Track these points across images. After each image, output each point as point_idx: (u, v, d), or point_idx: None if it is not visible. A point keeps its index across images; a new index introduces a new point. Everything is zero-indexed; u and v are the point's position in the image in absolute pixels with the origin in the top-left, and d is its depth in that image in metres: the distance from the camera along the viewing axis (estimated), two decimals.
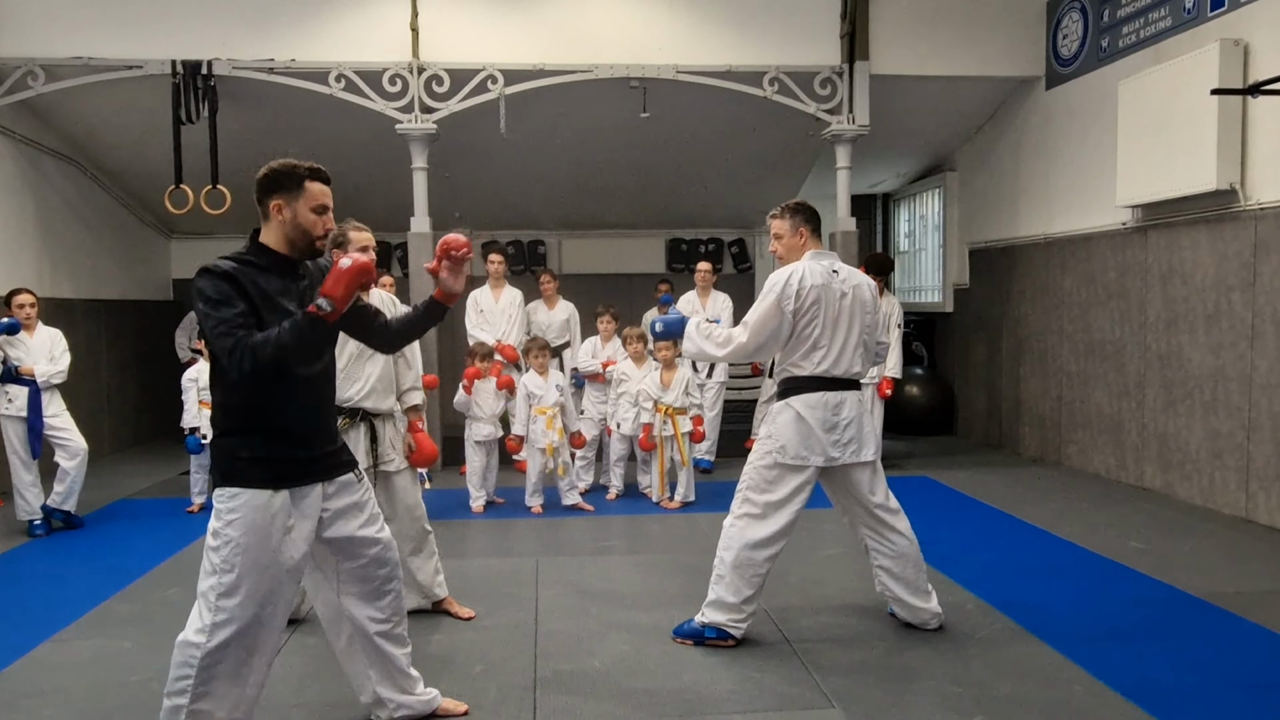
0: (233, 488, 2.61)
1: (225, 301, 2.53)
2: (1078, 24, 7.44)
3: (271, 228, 2.68)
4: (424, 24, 7.33)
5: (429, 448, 4.15)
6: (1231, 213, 5.84)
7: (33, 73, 7.06)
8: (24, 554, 5.42)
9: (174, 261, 10.36)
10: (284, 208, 2.65)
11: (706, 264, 7.80)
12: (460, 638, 3.91)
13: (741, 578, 3.71)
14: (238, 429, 2.65)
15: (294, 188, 2.65)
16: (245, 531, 2.59)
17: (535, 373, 6.23)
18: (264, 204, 2.66)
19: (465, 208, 9.82)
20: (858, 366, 3.77)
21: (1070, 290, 7.56)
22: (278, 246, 2.68)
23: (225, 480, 2.63)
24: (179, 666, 2.60)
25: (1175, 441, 6.38)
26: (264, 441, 2.64)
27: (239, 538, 2.58)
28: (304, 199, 2.65)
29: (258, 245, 2.69)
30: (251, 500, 2.60)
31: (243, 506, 2.59)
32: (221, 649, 2.58)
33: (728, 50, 7.53)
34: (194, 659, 2.57)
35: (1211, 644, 3.76)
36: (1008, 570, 4.80)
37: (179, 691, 2.59)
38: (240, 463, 2.62)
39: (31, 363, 5.80)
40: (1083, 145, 7.40)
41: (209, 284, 2.54)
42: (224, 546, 2.58)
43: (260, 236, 2.70)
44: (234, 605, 2.58)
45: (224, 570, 2.58)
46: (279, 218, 2.66)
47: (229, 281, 2.56)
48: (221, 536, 2.59)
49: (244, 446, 2.62)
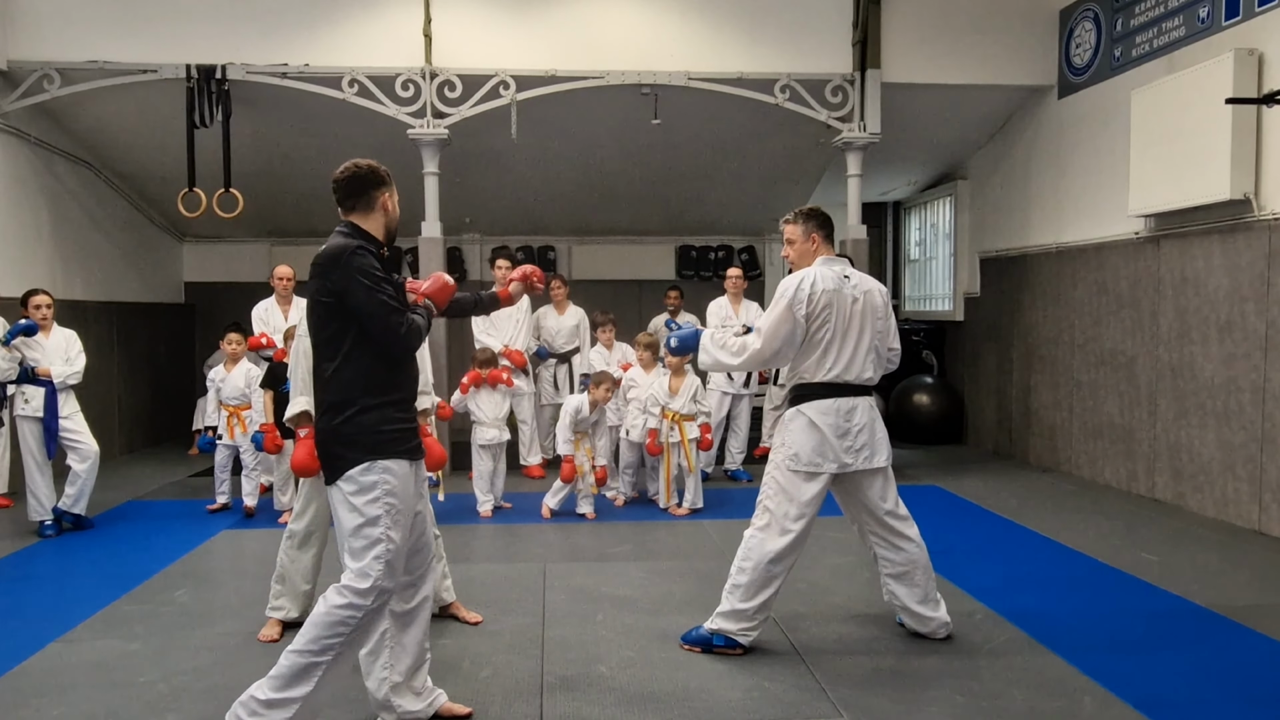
0: (382, 459, 2.78)
1: (386, 280, 2.78)
2: (1091, 33, 7.42)
3: (374, 218, 2.93)
4: (437, 29, 7.37)
5: (437, 451, 4.15)
6: (1245, 223, 5.80)
7: (48, 76, 7.12)
8: (34, 554, 5.44)
9: (186, 264, 10.42)
10: (389, 200, 2.94)
11: (737, 270, 7.79)
12: (467, 642, 3.91)
13: (757, 587, 3.70)
14: (376, 404, 2.79)
15: (390, 182, 2.97)
16: (401, 498, 2.81)
17: (589, 403, 6.12)
18: (368, 196, 2.91)
19: (476, 213, 9.86)
20: (869, 372, 3.76)
21: (1082, 300, 7.53)
22: (379, 234, 2.93)
23: (371, 453, 2.76)
24: (330, 627, 2.74)
25: (1187, 453, 6.34)
26: (399, 413, 2.85)
27: (399, 504, 2.80)
28: (395, 193, 2.99)
29: (364, 233, 2.89)
30: (398, 470, 2.81)
31: (394, 476, 2.79)
32: (376, 612, 2.82)
33: (739, 57, 7.53)
34: (353, 619, 2.75)
35: (1222, 656, 3.73)
36: (1017, 580, 4.78)
37: (323, 650, 2.73)
38: (384, 436, 2.79)
39: (48, 364, 5.84)
40: (1095, 154, 7.38)
41: (368, 263, 2.75)
42: (386, 515, 2.77)
43: (364, 226, 2.90)
44: (391, 570, 2.79)
45: (387, 539, 2.77)
46: (385, 209, 2.94)
47: (381, 262, 2.82)
48: (381, 505, 2.76)
49: (384, 421, 2.80)
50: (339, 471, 2.79)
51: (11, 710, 3.29)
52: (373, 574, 2.76)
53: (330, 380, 2.80)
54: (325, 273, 2.76)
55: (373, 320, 2.72)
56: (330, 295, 2.75)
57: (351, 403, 2.77)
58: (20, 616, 4.30)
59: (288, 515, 5.78)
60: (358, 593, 2.76)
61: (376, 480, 2.76)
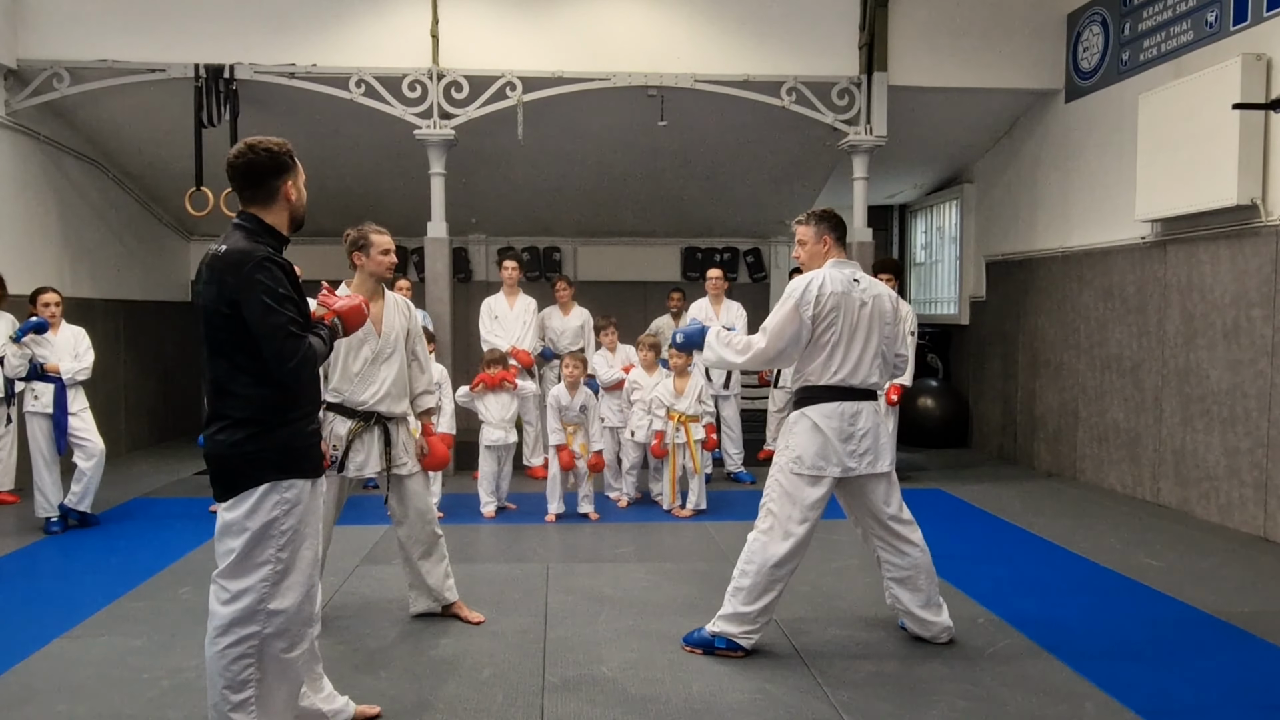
0: (287, 479, 2.64)
1: (288, 298, 2.56)
2: (1098, 37, 7.41)
3: (276, 210, 2.67)
4: (444, 30, 7.39)
5: (441, 451, 4.17)
6: (1252, 228, 5.79)
7: (58, 75, 7.16)
8: (39, 551, 5.47)
9: (193, 263, 10.43)
10: (293, 187, 2.68)
11: (718, 271, 7.77)
12: (469, 642, 3.92)
13: (759, 590, 3.69)
14: (281, 422, 2.64)
15: (293, 166, 2.69)
16: (304, 517, 2.67)
17: (565, 388, 6.22)
18: (267, 187, 2.64)
19: (482, 213, 9.87)
20: (875, 377, 3.75)
21: (1088, 304, 7.51)
22: (283, 226, 2.70)
23: (279, 472, 2.62)
24: (233, 661, 2.64)
25: (1192, 458, 6.32)
26: (309, 427, 2.73)
27: (299, 524, 2.66)
28: (300, 176, 2.72)
29: (265, 226, 2.65)
30: (301, 488, 2.67)
31: (297, 495, 2.66)
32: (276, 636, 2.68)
33: (746, 59, 7.54)
34: (254, 644, 2.64)
35: (1226, 663, 3.72)
36: (1021, 585, 4.77)
37: (240, 685, 2.64)
38: (290, 455, 2.65)
39: (56, 360, 5.87)
40: (1102, 159, 7.36)
41: (271, 278, 2.53)
42: (290, 533, 2.65)
43: (266, 219, 2.66)
44: (279, 588, 2.66)
45: (275, 560, 2.64)
46: (289, 198, 2.68)
47: (288, 276, 2.59)
48: (289, 521, 2.64)
49: (294, 437, 2.67)
50: (236, 490, 2.61)
51: (16, 706, 3.31)
52: (256, 597, 2.62)
53: (227, 394, 2.59)
54: (222, 279, 2.52)
55: (265, 342, 2.51)
56: (228, 305, 2.51)
57: (258, 420, 2.59)
58: (26, 613, 4.32)
59: None
60: (252, 614, 2.63)
61: (278, 500, 2.62)
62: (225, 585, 2.64)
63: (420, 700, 3.34)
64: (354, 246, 3.93)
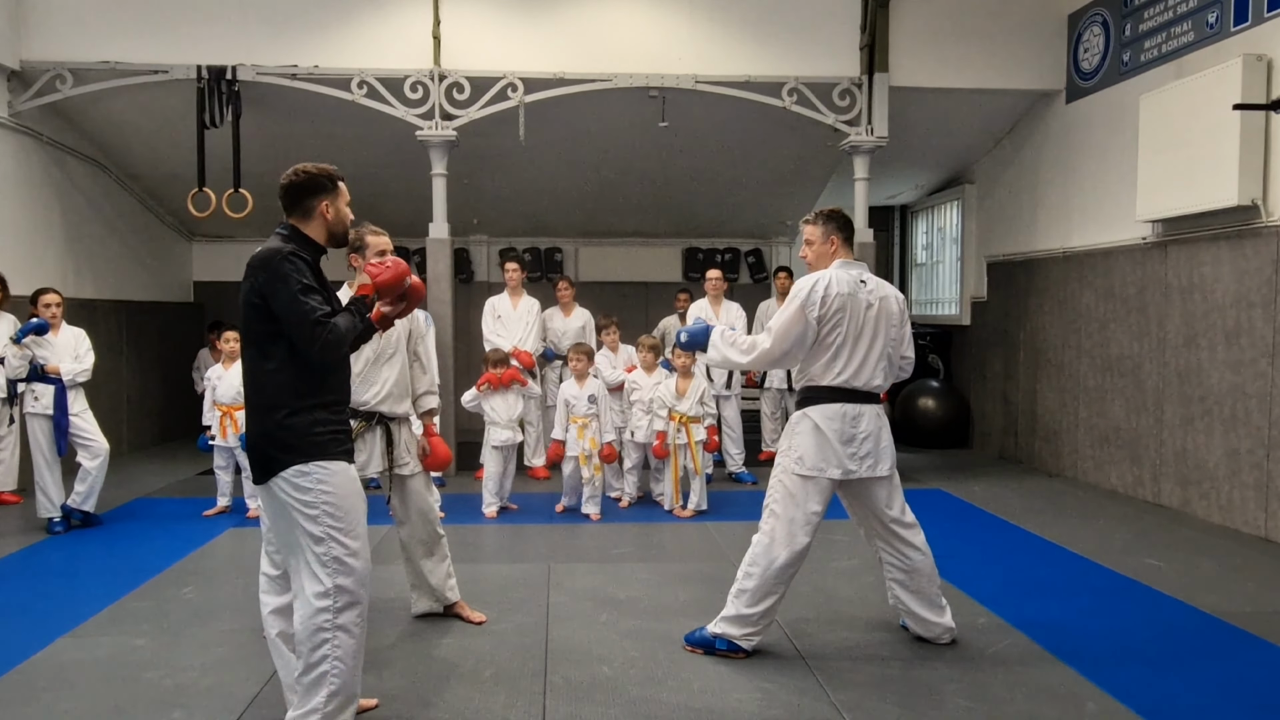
0: (316, 460, 2.81)
1: (313, 288, 2.80)
2: (1099, 38, 7.41)
3: (314, 224, 2.97)
4: (446, 32, 7.40)
5: (443, 451, 4.17)
6: (1253, 229, 5.79)
7: (60, 76, 7.17)
8: (43, 550, 5.48)
9: (195, 264, 10.47)
10: (330, 207, 2.97)
11: (717, 272, 7.76)
12: (471, 642, 3.93)
13: (762, 592, 3.69)
14: (306, 407, 2.82)
15: (333, 188, 2.99)
16: (341, 498, 2.84)
17: (574, 380, 6.23)
18: (306, 204, 2.95)
19: (483, 214, 9.89)
20: (878, 379, 3.73)
21: (1089, 305, 7.51)
22: (320, 238, 2.99)
23: (305, 456, 2.80)
24: (311, 637, 2.82)
25: (1193, 458, 6.32)
26: (331, 415, 2.89)
27: (338, 503, 2.83)
28: (341, 198, 3.02)
29: (303, 237, 2.94)
30: (335, 469, 2.85)
31: (331, 476, 2.83)
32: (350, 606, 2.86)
33: (747, 60, 7.54)
34: (328, 622, 2.80)
35: (1228, 664, 3.72)
36: (1022, 586, 4.77)
37: (320, 660, 2.81)
38: (317, 438, 2.82)
39: (57, 361, 5.88)
40: (1103, 159, 7.37)
41: (296, 268, 2.79)
42: (326, 515, 2.81)
43: (303, 229, 2.95)
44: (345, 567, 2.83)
45: (328, 537, 2.81)
46: (325, 216, 2.97)
47: (313, 270, 2.85)
48: (320, 506, 2.80)
49: (316, 423, 2.84)
50: (273, 472, 2.82)
51: (20, 704, 3.32)
52: (326, 574, 2.81)
53: (260, 382, 2.84)
54: (255, 274, 2.80)
55: (292, 327, 2.76)
56: (259, 297, 2.79)
57: (282, 405, 2.80)
58: (29, 612, 4.33)
59: None
60: (319, 594, 2.80)
61: (312, 482, 2.80)
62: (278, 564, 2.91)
63: (422, 700, 3.34)
64: (350, 248, 3.92)
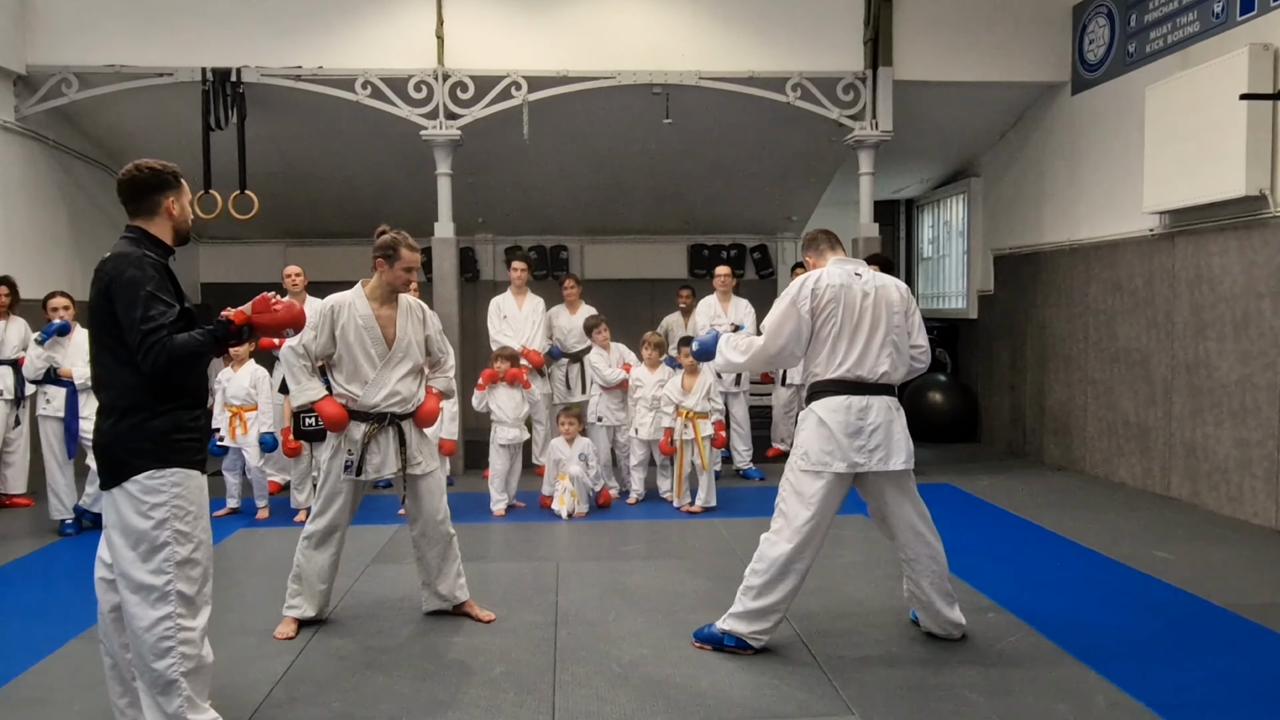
0: (170, 468, 2.76)
1: (156, 297, 2.73)
2: (1104, 29, 7.38)
3: (159, 222, 2.90)
4: (449, 31, 7.41)
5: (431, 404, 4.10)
6: (1261, 219, 5.76)
7: (66, 80, 7.20)
8: (55, 553, 5.51)
9: (202, 265, 10.51)
10: (175, 203, 2.92)
11: (725, 268, 7.76)
12: (481, 640, 3.94)
13: (770, 589, 3.69)
14: (164, 410, 2.77)
15: (176, 185, 2.93)
16: (191, 504, 2.80)
17: (564, 439, 6.31)
18: (148, 201, 2.88)
19: (488, 213, 9.90)
20: (884, 367, 3.69)
21: (1096, 297, 7.49)
22: (166, 238, 2.93)
23: (158, 461, 2.74)
24: (153, 646, 2.76)
25: (1202, 450, 6.30)
26: (190, 420, 2.84)
27: (188, 509, 2.80)
28: (184, 195, 2.96)
29: (151, 239, 2.88)
30: (188, 477, 2.80)
31: (183, 483, 2.79)
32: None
33: (750, 56, 7.53)
34: (170, 629, 2.76)
35: (1239, 657, 3.71)
36: (1031, 579, 4.76)
37: (168, 668, 2.76)
38: (173, 443, 2.78)
39: (69, 364, 5.88)
40: (1109, 151, 7.34)
41: (143, 276, 2.73)
42: (174, 519, 2.76)
43: (150, 230, 2.89)
44: (182, 573, 2.78)
45: (175, 541, 2.76)
46: (170, 213, 2.91)
47: (162, 276, 2.79)
48: (168, 510, 2.76)
49: (175, 428, 2.79)
50: (123, 476, 2.75)
51: (34, 706, 3.35)
52: (163, 578, 2.75)
53: (113, 384, 2.78)
54: (99, 279, 2.77)
55: (128, 334, 2.70)
56: (107, 300, 2.75)
57: (141, 408, 2.75)
58: (42, 614, 4.36)
59: (304, 514, 5.84)
60: (158, 600, 2.74)
61: (166, 485, 2.75)
62: (127, 573, 2.76)
63: (433, 698, 3.36)
64: (382, 251, 3.91)
